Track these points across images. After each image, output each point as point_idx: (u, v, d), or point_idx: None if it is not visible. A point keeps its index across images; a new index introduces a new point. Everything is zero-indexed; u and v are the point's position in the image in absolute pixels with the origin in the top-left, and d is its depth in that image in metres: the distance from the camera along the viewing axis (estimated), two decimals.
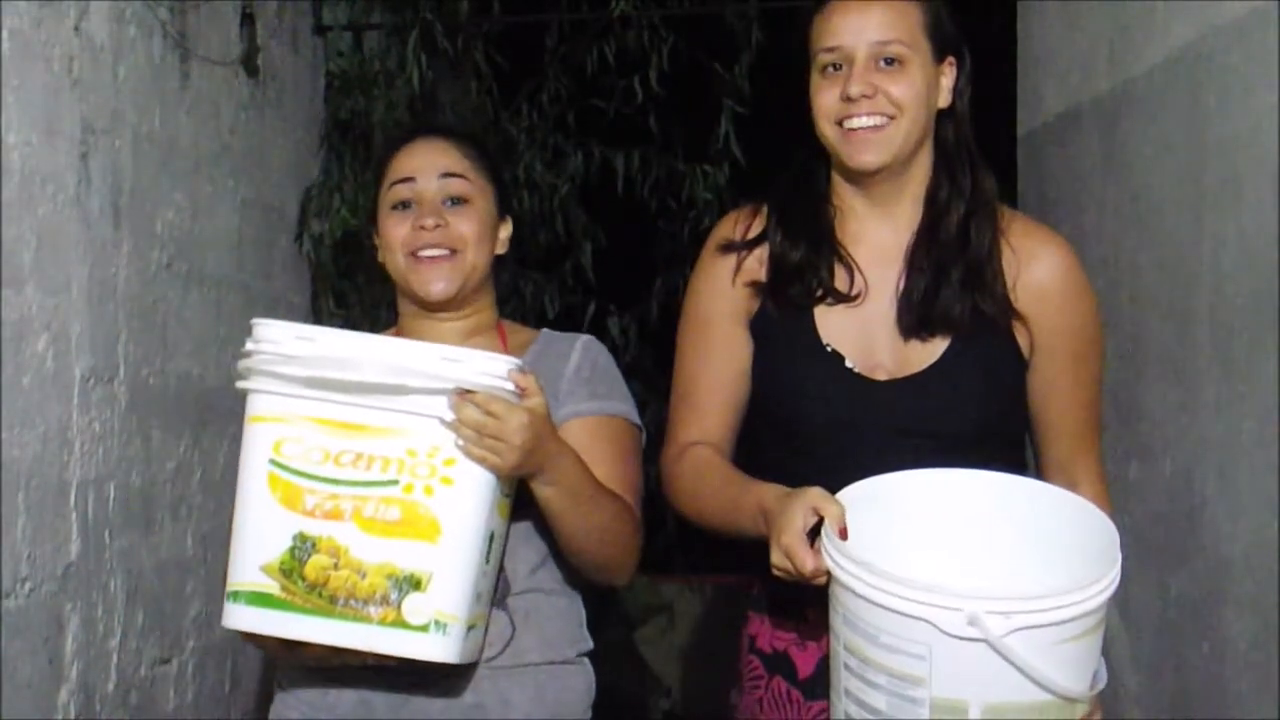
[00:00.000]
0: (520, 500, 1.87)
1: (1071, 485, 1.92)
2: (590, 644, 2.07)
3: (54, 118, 2.50)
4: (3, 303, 2.30)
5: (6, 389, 2.31)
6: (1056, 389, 1.95)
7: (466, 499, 1.74)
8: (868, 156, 1.92)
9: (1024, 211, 3.83)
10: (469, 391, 1.72)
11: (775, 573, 1.75)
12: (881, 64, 1.91)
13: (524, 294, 4.63)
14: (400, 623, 1.73)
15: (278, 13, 3.82)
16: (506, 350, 2.03)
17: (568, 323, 4.71)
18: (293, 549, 1.74)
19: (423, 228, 2.00)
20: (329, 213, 4.01)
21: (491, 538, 1.79)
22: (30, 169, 2.41)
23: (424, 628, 1.73)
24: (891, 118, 1.90)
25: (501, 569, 1.90)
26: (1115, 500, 3.17)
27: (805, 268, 1.97)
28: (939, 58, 1.94)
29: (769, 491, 1.82)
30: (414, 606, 1.73)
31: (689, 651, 5.29)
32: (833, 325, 1.96)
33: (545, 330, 2.15)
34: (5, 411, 2.30)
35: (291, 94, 3.91)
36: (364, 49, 4.40)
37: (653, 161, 4.62)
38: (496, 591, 1.89)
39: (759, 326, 2.00)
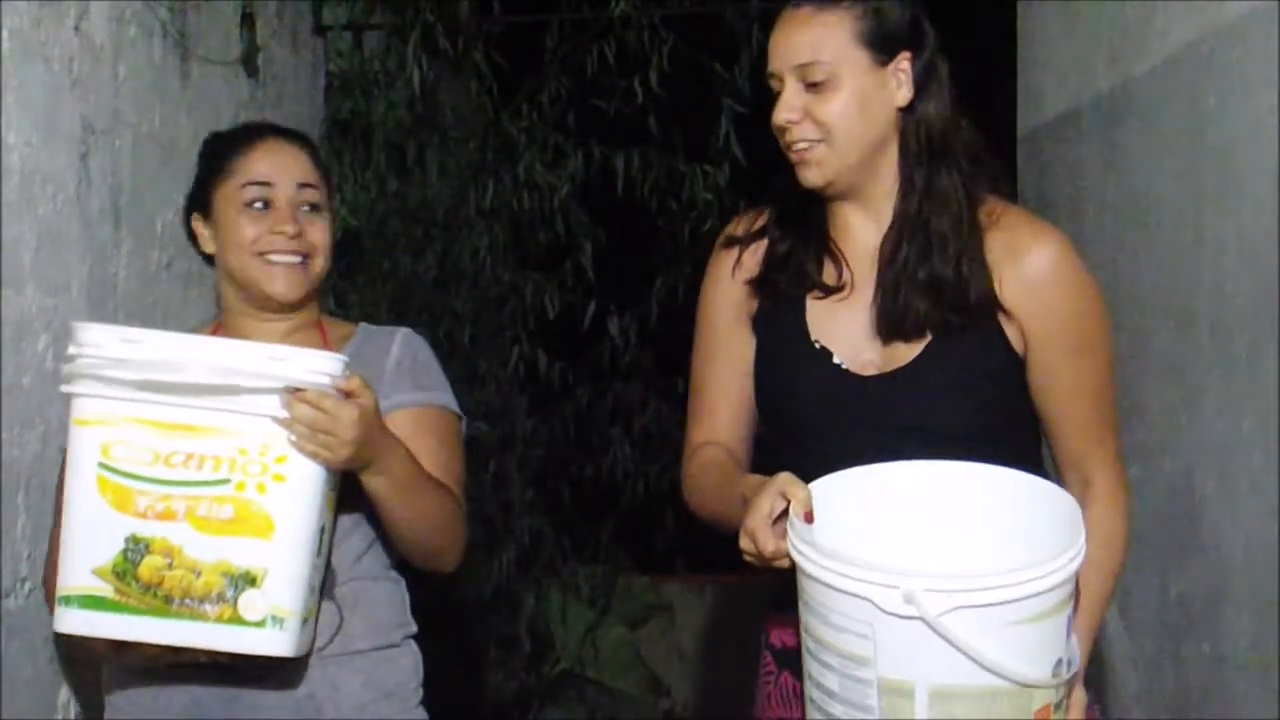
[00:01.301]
0: (344, 491, 1.91)
1: (1085, 482, 1.92)
2: (414, 627, 2.12)
3: (54, 118, 2.50)
4: (3, 303, 2.30)
5: (6, 389, 2.31)
6: (1056, 383, 1.93)
7: (299, 495, 1.77)
8: (808, 176, 1.92)
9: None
10: (299, 390, 1.74)
11: (745, 558, 1.77)
12: (804, 87, 1.90)
13: (524, 294, 4.62)
14: (237, 619, 1.76)
15: (278, 13, 3.82)
16: (328, 345, 2.06)
17: (568, 323, 4.71)
18: (125, 551, 1.75)
19: (282, 233, 2.03)
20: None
21: (323, 531, 1.83)
22: (30, 169, 2.40)
23: (260, 623, 1.76)
24: (819, 141, 1.90)
25: (328, 560, 1.94)
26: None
27: (792, 258, 1.98)
28: (885, 58, 1.90)
29: (750, 481, 1.84)
30: (250, 603, 1.76)
31: (689, 651, 5.30)
32: (822, 322, 1.97)
33: (363, 324, 2.19)
34: (5, 411, 2.30)
35: (291, 94, 3.91)
36: (364, 49, 4.40)
37: (653, 161, 4.61)
38: (325, 583, 1.93)
39: (758, 324, 2.02)
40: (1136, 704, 3.07)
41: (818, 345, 1.96)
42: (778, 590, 1.95)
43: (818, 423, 1.95)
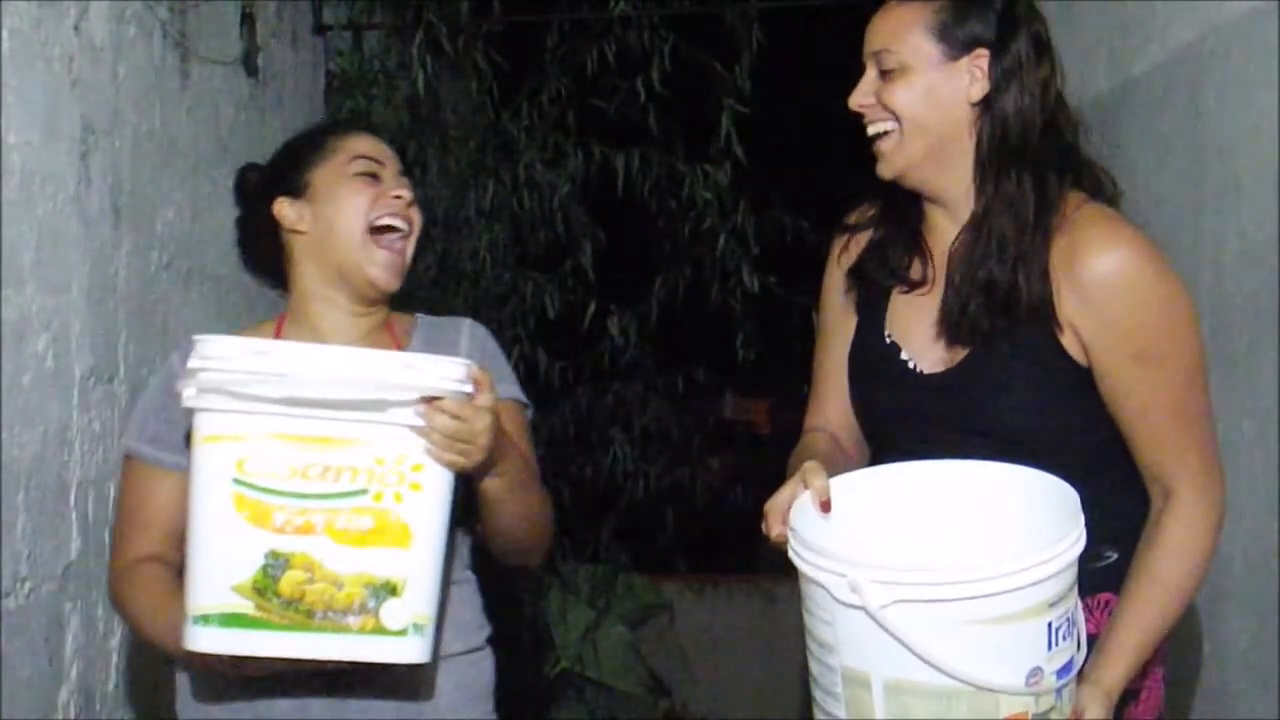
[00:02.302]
0: None
1: (1166, 495, 1.85)
2: (490, 628, 2.11)
3: (54, 118, 2.50)
4: (3, 303, 2.30)
5: (6, 389, 2.31)
6: (1127, 393, 1.85)
7: (434, 502, 1.76)
8: (880, 167, 1.94)
9: None
10: (436, 399, 1.73)
11: (764, 533, 1.79)
12: (880, 75, 1.91)
13: (524, 294, 4.62)
14: (379, 629, 1.74)
15: (278, 13, 3.82)
16: (395, 339, 2.06)
17: (568, 323, 4.71)
18: (265, 567, 1.72)
19: (397, 197, 2.01)
20: None
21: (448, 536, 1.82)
22: (30, 169, 2.40)
23: (402, 632, 1.74)
24: (889, 130, 1.90)
25: None
26: None
27: (883, 249, 2.01)
28: (958, 53, 1.89)
29: (801, 464, 1.84)
30: (392, 612, 1.74)
31: (689, 651, 5.30)
32: (899, 317, 1.99)
33: (420, 315, 2.15)
34: (5, 411, 2.30)
35: (291, 94, 3.91)
36: (364, 49, 4.40)
37: (653, 161, 4.61)
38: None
39: (858, 314, 2.05)
40: None
41: (889, 340, 1.98)
42: None
43: (883, 417, 1.98)
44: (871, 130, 1.92)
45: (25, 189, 2.39)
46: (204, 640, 1.73)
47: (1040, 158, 1.89)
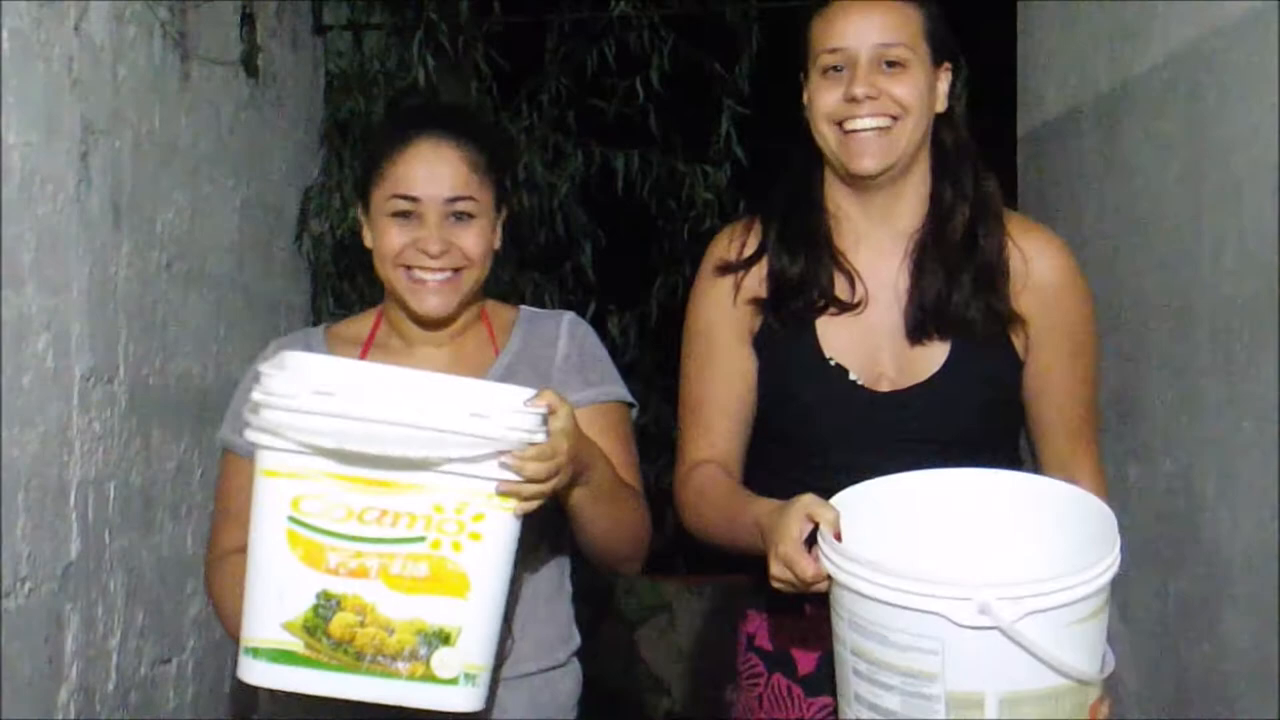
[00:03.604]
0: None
1: (1070, 482, 1.90)
2: (579, 641, 2.05)
3: (54, 118, 2.50)
4: (3, 303, 2.30)
5: (6, 389, 2.31)
6: (1053, 385, 1.96)
7: (495, 553, 1.70)
8: (867, 161, 1.92)
9: (1024, 211, 3.85)
10: (516, 451, 1.66)
11: (775, 585, 1.74)
12: (884, 66, 1.91)
13: (524, 294, 4.62)
14: (430, 677, 1.70)
15: (278, 13, 3.82)
16: (492, 336, 2.01)
17: None
18: (316, 607, 1.69)
19: (426, 252, 1.92)
20: (329, 212, 4.01)
21: (512, 580, 1.77)
22: (30, 169, 2.40)
23: (454, 680, 1.70)
24: (896, 118, 1.91)
25: None
26: (1115, 500, 3.17)
27: (805, 280, 1.96)
28: (937, 62, 1.95)
29: (763, 506, 1.81)
30: (443, 661, 1.70)
31: (689, 651, 5.30)
32: (835, 337, 1.96)
33: (523, 308, 2.09)
34: (5, 411, 2.30)
35: (291, 94, 3.91)
36: (364, 49, 4.40)
37: (653, 161, 4.61)
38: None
39: (762, 342, 2.00)
40: (1136, 704, 3.07)
41: (832, 363, 1.95)
42: (759, 591, 1.94)
43: (832, 439, 1.94)
44: (870, 124, 1.91)
45: (25, 189, 2.39)
46: (254, 673, 1.71)
47: (981, 165, 1.99)
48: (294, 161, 3.91)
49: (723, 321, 2.01)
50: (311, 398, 1.65)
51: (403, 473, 1.67)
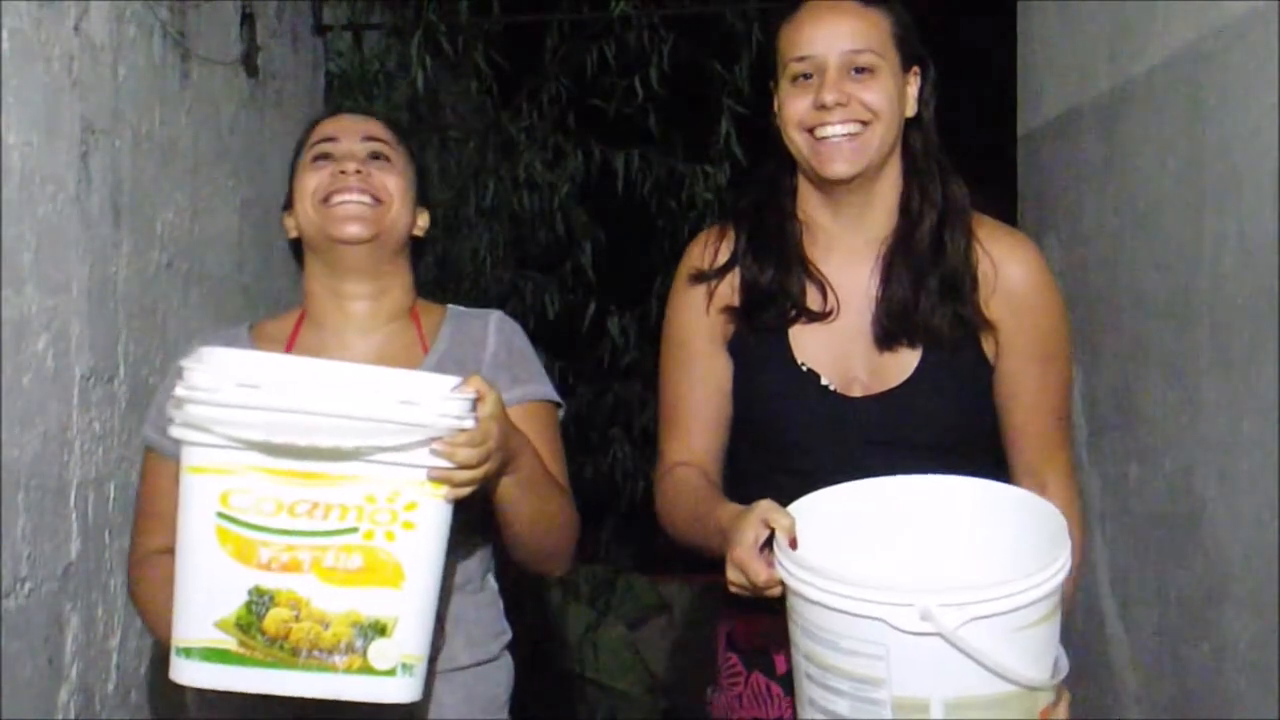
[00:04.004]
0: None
1: (1041, 488, 1.93)
2: (510, 633, 2.06)
3: (54, 118, 2.50)
4: (3, 303, 2.30)
5: (6, 389, 2.31)
6: (1023, 391, 1.96)
7: (429, 541, 1.69)
8: (839, 166, 1.93)
9: (1024, 211, 3.86)
10: (446, 438, 1.66)
11: (731, 589, 1.75)
12: (853, 73, 1.92)
13: (524, 294, 4.63)
14: (367, 669, 1.69)
15: (278, 13, 3.82)
16: (421, 333, 2.01)
17: (568, 323, 4.71)
18: (249, 604, 1.67)
19: (343, 172, 1.95)
20: None
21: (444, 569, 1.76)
22: (30, 169, 2.40)
23: (391, 671, 1.69)
24: (866, 124, 1.92)
25: None
26: (1115, 500, 3.18)
27: (777, 291, 1.98)
28: (905, 67, 1.97)
29: (727, 510, 1.83)
30: (381, 652, 1.69)
31: (689, 651, 5.29)
32: (807, 343, 1.97)
33: (451, 307, 2.09)
34: (5, 411, 2.30)
35: (291, 94, 3.91)
36: (364, 49, 4.40)
37: (653, 161, 4.62)
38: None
39: (736, 347, 2.02)
40: (1136, 704, 3.07)
41: (805, 368, 1.96)
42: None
43: (804, 444, 1.95)
44: (840, 130, 1.92)
45: (25, 189, 2.39)
46: (186, 673, 1.70)
47: (951, 170, 1.99)
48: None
49: (698, 327, 2.03)
50: (236, 390, 1.63)
51: (333, 464, 1.65)
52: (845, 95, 1.91)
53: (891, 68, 1.94)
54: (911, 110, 1.97)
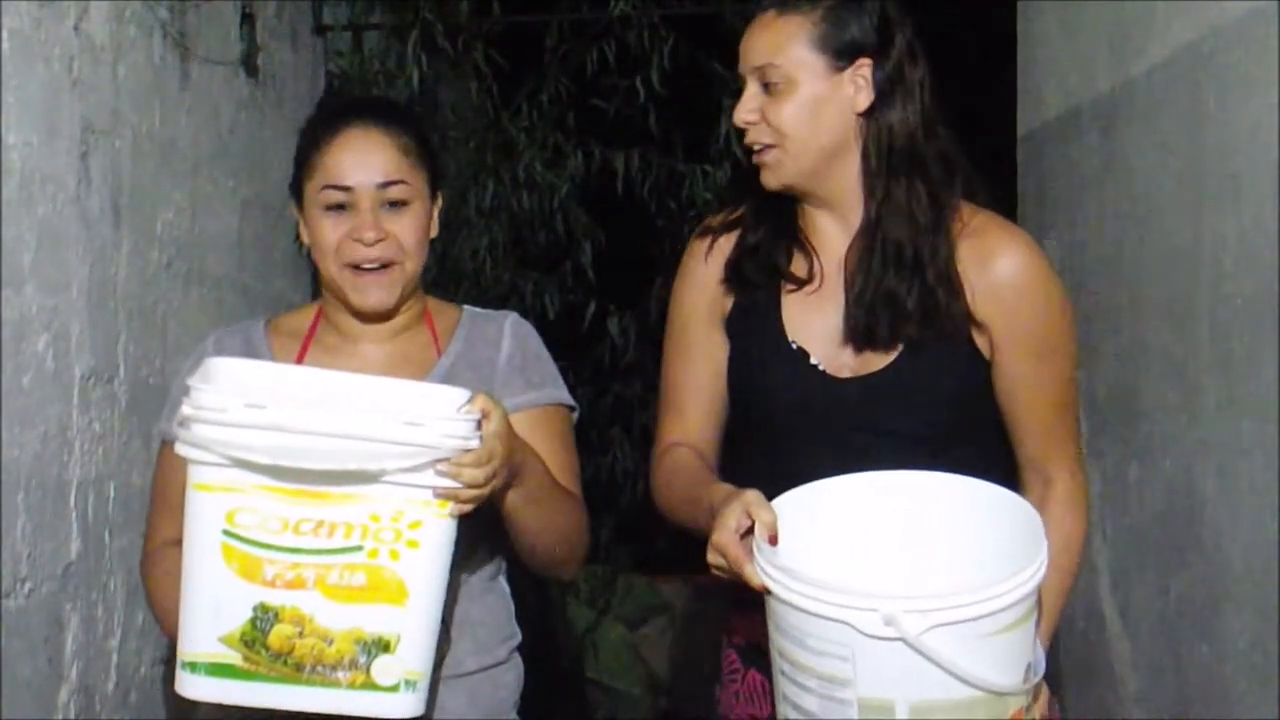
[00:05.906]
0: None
1: (1046, 483, 1.93)
2: (519, 636, 2.05)
3: (54, 118, 2.50)
4: (3, 303, 2.30)
5: (6, 389, 2.31)
6: (1021, 386, 1.94)
7: (432, 560, 1.71)
8: (765, 178, 1.94)
9: (1024, 211, 3.85)
10: (453, 459, 1.67)
11: (713, 571, 1.77)
12: (763, 89, 1.92)
13: (524, 294, 4.62)
14: (370, 685, 1.70)
15: (278, 13, 3.82)
16: (435, 336, 2.00)
17: (568, 323, 4.71)
18: (254, 620, 1.69)
19: (360, 241, 1.91)
20: None
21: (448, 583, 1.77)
22: (30, 169, 2.40)
23: (394, 688, 1.71)
24: (772, 145, 1.91)
25: None
26: (1115, 500, 3.19)
27: (761, 247, 1.98)
28: (842, 64, 1.90)
29: (719, 491, 1.83)
30: (384, 668, 1.70)
31: (689, 651, 5.30)
32: (800, 321, 1.97)
33: (467, 308, 2.07)
34: (5, 411, 2.30)
35: (291, 94, 3.91)
36: (364, 49, 4.40)
37: (653, 161, 4.62)
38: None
39: (732, 325, 2.02)
40: (1136, 704, 3.07)
41: (794, 346, 1.96)
42: (739, 589, 1.95)
43: (791, 423, 1.95)
44: (756, 147, 1.92)
45: (25, 189, 2.39)
46: (192, 688, 1.71)
47: (927, 163, 1.92)
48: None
49: (697, 298, 2.04)
50: (243, 411, 1.64)
51: (338, 484, 1.66)
52: (755, 113, 1.92)
53: (811, 76, 1.88)
54: (862, 104, 1.90)
